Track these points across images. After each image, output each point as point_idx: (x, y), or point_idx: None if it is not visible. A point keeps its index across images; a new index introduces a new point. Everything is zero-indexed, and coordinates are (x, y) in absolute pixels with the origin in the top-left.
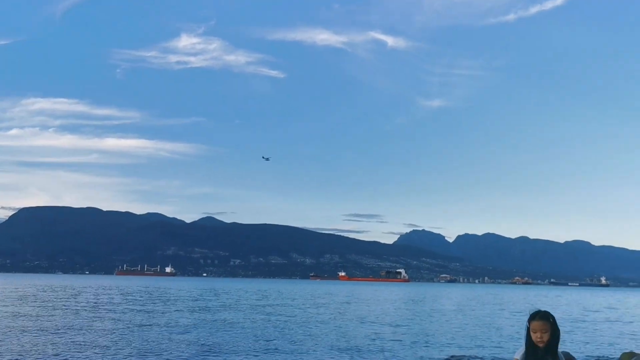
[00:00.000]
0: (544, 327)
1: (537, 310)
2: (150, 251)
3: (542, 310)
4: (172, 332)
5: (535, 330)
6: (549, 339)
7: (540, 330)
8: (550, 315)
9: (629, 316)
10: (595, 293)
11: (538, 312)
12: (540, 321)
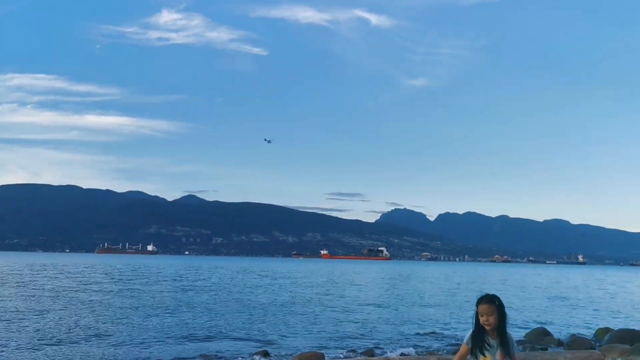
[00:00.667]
0: (490, 310)
1: (484, 294)
2: (131, 229)
3: (489, 293)
4: (155, 311)
5: (482, 313)
6: (495, 321)
7: (486, 314)
8: (496, 298)
9: (606, 293)
10: (572, 270)
11: (484, 295)
12: (486, 304)
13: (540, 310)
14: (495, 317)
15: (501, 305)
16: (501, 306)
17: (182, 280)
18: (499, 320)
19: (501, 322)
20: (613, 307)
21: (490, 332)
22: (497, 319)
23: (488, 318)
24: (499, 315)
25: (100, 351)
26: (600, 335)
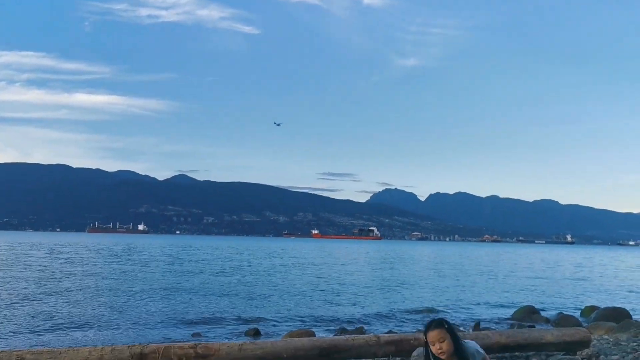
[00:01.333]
0: (441, 335)
1: (430, 320)
2: (122, 209)
3: (435, 318)
4: (146, 291)
5: (433, 342)
6: (450, 346)
7: (438, 340)
8: (444, 321)
9: (593, 273)
10: (561, 250)
11: (431, 322)
12: (436, 330)
13: (528, 289)
14: (448, 342)
15: (450, 326)
16: (451, 327)
17: (174, 259)
18: (454, 343)
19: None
20: (600, 286)
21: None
22: (450, 343)
23: (441, 345)
24: (452, 338)
25: (90, 332)
26: (587, 313)
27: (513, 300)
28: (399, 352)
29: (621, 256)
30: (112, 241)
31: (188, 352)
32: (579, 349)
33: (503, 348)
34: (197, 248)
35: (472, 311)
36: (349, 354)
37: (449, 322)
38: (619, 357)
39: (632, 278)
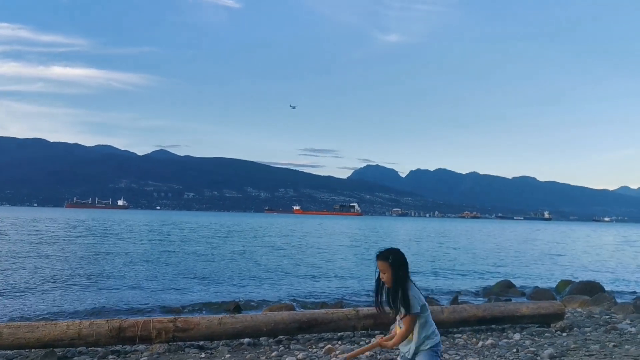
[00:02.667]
0: (383, 266)
1: (381, 250)
2: (101, 184)
3: (386, 249)
4: (127, 264)
5: (378, 269)
6: (390, 278)
7: (381, 270)
8: (390, 255)
9: (569, 248)
10: (539, 226)
11: (380, 251)
12: (380, 261)
13: (505, 264)
14: (389, 274)
15: (395, 262)
16: (395, 263)
17: (154, 235)
18: (394, 277)
19: (396, 279)
20: (575, 261)
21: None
22: (390, 277)
23: (382, 275)
24: (393, 272)
25: (68, 309)
26: (562, 287)
27: (490, 275)
28: (377, 325)
29: (596, 232)
30: (91, 216)
31: (167, 326)
32: (553, 322)
33: (480, 321)
34: (177, 224)
35: (450, 285)
36: (328, 327)
37: (397, 255)
38: (591, 329)
39: (606, 253)
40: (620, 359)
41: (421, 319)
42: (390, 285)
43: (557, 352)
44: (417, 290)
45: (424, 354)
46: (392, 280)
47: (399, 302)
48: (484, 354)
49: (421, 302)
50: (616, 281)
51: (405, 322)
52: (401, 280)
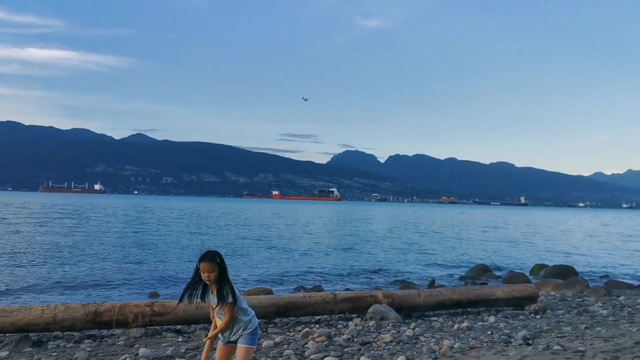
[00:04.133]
0: (211, 267)
1: (206, 252)
2: (77, 168)
3: (210, 251)
4: (106, 250)
5: (203, 270)
6: (216, 277)
7: (207, 271)
8: (217, 255)
9: (544, 233)
10: (515, 211)
11: (207, 254)
12: (208, 262)
13: (482, 249)
14: (216, 273)
15: (222, 261)
16: (222, 263)
17: (132, 220)
18: (222, 274)
19: (221, 276)
20: (550, 246)
21: (211, 286)
22: (217, 274)
23: (209, 275)
24: (221, 271)
25: (43, 294)
26: (536, 271)
27: (467, 259)
28: (355, 308)
29: (571, 217)
30: (67, 201)
31: (144, 310)
32: (528, 305)
33: (456, 304)
34: (156, 209)
35: (427, 270)
36: (306, 310)
37: (221, 257)
38: (564, 312)
39: (579, 238)
40: (591, 340)
41: (241, 308)
42: (216, 282)
43: (530, 334)
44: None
45: (246, 336)
46: (219, 277)
47: (226, 296)
48: (459, 336)
49: (238, 293)
50: (589, 265)
51: (228, 311)
52: (227, 276)
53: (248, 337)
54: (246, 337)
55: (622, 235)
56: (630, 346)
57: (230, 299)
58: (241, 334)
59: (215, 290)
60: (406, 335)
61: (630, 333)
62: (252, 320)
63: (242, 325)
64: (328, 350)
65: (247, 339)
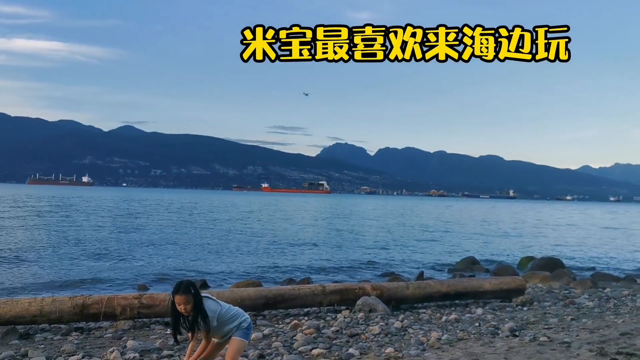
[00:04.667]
0: (187, 299)
1: (178, 284)
2: (65, 160)
3: (183, 282)
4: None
5: (178, 303)
6: (191, 308)
7: (183, 303)
8: (191, 286)
9: (532, 225)
10: (504, 204)
11: (179, 286)
12: (183, 295)
13: (470, 241)
14: (192, 304)
15: (196, 291)
16: (196, 293)
17: (121, 213)
18: (197, 305)
19: (198, 306)
20: (537, 238)
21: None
22: (192, 305)
23: (185, 307)
24: (196, 301)
25: (31, 287)
26: (524, 263)
27: (456, 252)
28: (343, 300)
29: (558, 210)
30: (55, 193)
31: (132, 302)
32: (515, 297)
33: (444, 296)
34: (144, 201)
35: (416, 262)
36: (295, 303)
37: (194, 286)
38: (551, 304)
39: (567, 230)
40: (577, 331)
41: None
42: (192, 312)
43: (517, 326)
44: (210, 303)
45: (240, 331)
46: (194, 308)
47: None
48: (447, 328)
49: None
50: (576, 258)
51: (204, 337)
52: (201, 304)
53: (242, 332)
54: (241, 331)
55: (609, 228)
56: (616, 337)
57: (209, 326)
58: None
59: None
60: (394, 327)
61: (615, 325)
62: (242, 318)
63: (234, 327)
64: (316, 342)
65: (242, 333)
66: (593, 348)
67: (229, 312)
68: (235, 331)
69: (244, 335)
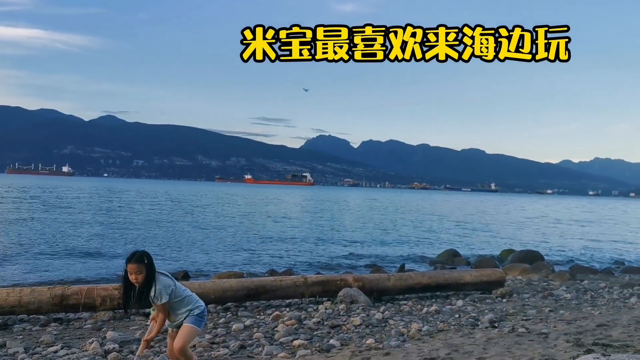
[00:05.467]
0: (139, 269)
1: (132, 253)
2: (44, 149)
3: (137, 251)
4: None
5: (130, 272)
6: (143, 279)
7: (135, 273)
8: (145, 256)
9: (513, 219)
10: (485, 197)
11: (133, 255)
12: (135, 264)
13: (452, 234)
14: (144, 275)
15: (150, 262)
16: (150, 263)
17: (102, 203)
18: (149, 276)
19: (151, 277)
20: (518, 231)
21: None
22: (144, 276)
23: (137, 277)
24: (148, 272)
25: (7, 277)
26: (504, 256)
27: (437, 244)
28: (325, 292)
29: (538, 203)
30: (34, 183)
31: (112, 293)
32: (495, 289)
33: (425, 288)
34: (126, 192)
35: (397, 255)
36: (277, 294)
37: (149, 257)
38: (529, 295)
39: (547, 224)
40: (554, 323)
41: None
42: (143, 284)
43: (496, 317)
44: (164, 279)
45: (192, 317)
46: (146, 279)
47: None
48: (428, 319)
49: (169, 290)
50: (555, 250)
51: (160, 310)
52: (154, 277)
53: (194, 318)
54: (192, 318)
55: (587, 222)
56: (592, 329)
57: (159, 300)
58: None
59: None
60: (375, 318)
61: (592, 316)
62: (196, 304)
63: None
64: (298, 333)
65: (193, 319)
66: (570, 339)
67: (183, 293)
68: (186, 317)
69: (196, 322)
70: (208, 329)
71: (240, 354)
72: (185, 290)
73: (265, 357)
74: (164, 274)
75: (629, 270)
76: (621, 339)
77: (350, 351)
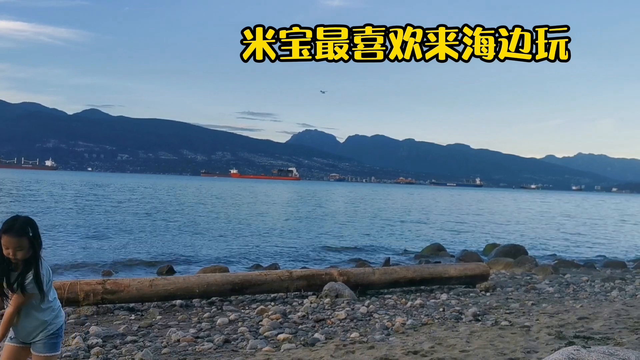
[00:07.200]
0: (19, 243)
1: (12, 219)
2: (27, 143)
3: (19, 218)
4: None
5: (6, 246)
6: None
7: (12, 247)
8: (28, 228)
9: (497, 213)
10: (470, 192)
11: (12, 223)
12: (15, 238)
13: (437, 228)
14: (26, 251)
15: (36, 235)
16: (36, 236)
17: (85, 198)
18: (33, 254)
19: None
20: (502, 226)
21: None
22: (26, 253)
23: (15, 253)
24: (33, 248)
25: None
26: (488, 250)
27: (422, 239)
28: (310, 286)
29: (523, 199)
30: (17, 177)
31: (96, 288)
32: (479, 283)
33: (410, 282)
34: (109, 185)
35: (383, 249)
36: (262, 288)
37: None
38: (513, 289)
39: (530, 218)
40: (537, 316)
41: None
42: (21, 264)
43: (480, 311)
44: (47, 266)
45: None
46: (29, 257)
47: (29, 281)
48: (412, 313)
49: (49, 280)
50: (539, 245)
51: (14, 301)
52: (38, 256)
53: (48, 344)
54: (45, 344)
55: (570, 217)
56: (574, 322)
57: (33, 289)
58: (39, 339)
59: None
60: (360, 312)
61: (574, 309)
62: (55, 320)
63: (41, 325)
64: (282, 327)
65: (47, 345)
66: (552, 332)
67: (53, 294)
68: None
69: (52, 348)
70: (192, 323)
71: (225, 348)
72: (55, 292)
73: (249, 351)
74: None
75: (610, 264)
76: (602, 331)
77: (334, 345)
